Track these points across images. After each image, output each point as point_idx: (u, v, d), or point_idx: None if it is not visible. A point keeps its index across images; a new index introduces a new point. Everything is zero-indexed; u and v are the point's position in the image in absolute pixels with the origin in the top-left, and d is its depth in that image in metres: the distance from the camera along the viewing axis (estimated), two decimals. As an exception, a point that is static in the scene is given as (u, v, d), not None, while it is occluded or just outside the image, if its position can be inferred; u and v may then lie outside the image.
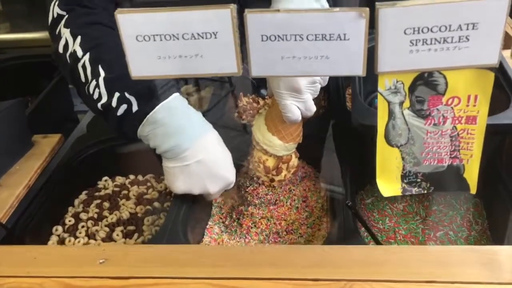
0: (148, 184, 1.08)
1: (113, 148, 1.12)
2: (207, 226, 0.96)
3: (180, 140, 0.80)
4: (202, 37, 0.45)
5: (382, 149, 0.55)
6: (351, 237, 0.78)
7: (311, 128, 1.03)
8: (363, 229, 0.89)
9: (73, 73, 0.84)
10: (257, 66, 0.46)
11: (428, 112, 0.52)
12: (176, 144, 0.80)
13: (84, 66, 0.81)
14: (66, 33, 0.84)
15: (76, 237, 0.94)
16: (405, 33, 0.42)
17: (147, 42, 0.46)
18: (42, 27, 1.86)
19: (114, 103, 0.79)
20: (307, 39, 0.44)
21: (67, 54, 0.84)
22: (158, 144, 0.81)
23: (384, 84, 0.50)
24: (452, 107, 0.52)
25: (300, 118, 0.86)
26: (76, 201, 1.04)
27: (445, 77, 0.49)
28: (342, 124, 1.06)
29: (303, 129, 0.93)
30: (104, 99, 0.80)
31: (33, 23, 1.92)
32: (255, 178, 0.95)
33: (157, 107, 0.78)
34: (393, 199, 1.00)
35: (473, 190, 0.57)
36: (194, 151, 0.81)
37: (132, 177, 1.11)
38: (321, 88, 1.26)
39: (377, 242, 0.80)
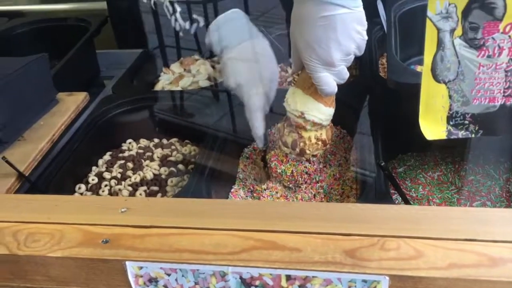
0: (173, 147, 1.05)
1: (138, 110, 1.10)
2: (232, 190, 0.93)
3: (230, 39, 0.94)
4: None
5: (427, 86, 0.50)
6: (382, 200, 0.74)
7: (342, 95, 0.99)
8: (394, 196, 0.85)
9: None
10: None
11: (482, 42, 0.47)
12: (227, 43, 0.94)
13: (167, 7, 1.03)
14: None
15: (98, 196, 0.93)
16: None
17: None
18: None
19: (187, 26, 1.01)
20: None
21: (152, 2, 1.09)
22: (216, 45, 0.95)
23: (434, 7, 0.45)
24: (509, 36, 0.46)
25: (336, 89, 0.81)
26: (100, 161, 1.02)
27: None
28: (375, 91, 1.02)
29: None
30: (181, 25, 1.01)
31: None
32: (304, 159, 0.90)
33: (219, 16, 0.95)
34: (426, 168, 0.95)
35: (527, 134, 0.52)
36: (239, 48, 0.94)
37: (156, 140, 1.09)
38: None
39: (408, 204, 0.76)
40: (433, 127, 0.53)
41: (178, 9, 1.02)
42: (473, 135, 0.53)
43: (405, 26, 1.03)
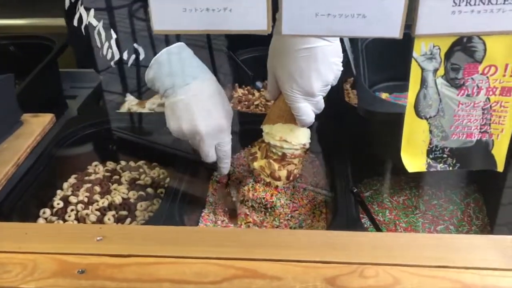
0: (141, 170, 1.04)
1: (104, 133, 1.08)
2: (202, 214, 0.93)
3: (178, 78, 0.82)
4: (233, -11, 0.43)
5: (410, 121, 0.53)
6: (353, 226, 0.75)
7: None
8: (363, 220, 0.87)
9: (88, 42, 0.89)
10: (288, 23, 0.44)
11: (462, 82, 0.50)
12: (174, 82, 0.82)
13: (98, 33, 0.87)
14: (80, 8, 0.90)
15: (65, 221, 0.90)
16: (448, -9, 0.40)
17: (173, -7, 0.43)
18: (31, 13, 1.82)
19: (125, 56, 0.84)
20: (345, -5, 0.42)
21: (82, 27, 0.88)
22: (160, 85, 0.83)
23: (420, 49, 0.48)
24: (487, 77, 0.50)
25: (313, 119, 0.84)
26: (65, 185, 1.00)
27: (484, 43, 0.48)
28: (340, 116, 1.05)
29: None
30: (117, 56, 0.84)
31: (22, 10, 1.87)
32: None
33: (160, 52, 0.82)
34: (392, 192, 0.98)
35: (500, 167, 0.56)
36: (191, 87, 0.82)
37: (123, 162, 1.07)
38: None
39: (379, 231, 0.78)
40: (414, 160, 0.56)
41: (114, 36, 0.87)
42: (450, 168, 0.56)
43: (371, 54, 1.07)
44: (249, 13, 0.44)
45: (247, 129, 1.01)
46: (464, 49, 0.47)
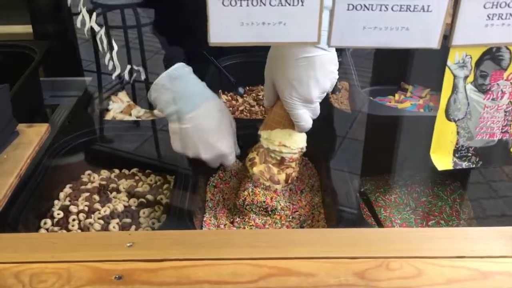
0: (136, 177, 1.04)
1: (96, 141, 1.08)
2: (204, 219, 0.94)
3: (181, 105, 0.87)
4: (289, 4, 0.46)
5: (440, 124, 0.58)
6: (359, 224, 0.79)
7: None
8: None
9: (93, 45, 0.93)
10: (337, 36, 0.47)
11: (488, 87, 0.56)
12: (177, 109, 0.87)
13: (101, 39, 0.89)
14: (83, 10, 0.89)
15: (68, 230, 0.89)
16: (484, 7, 0.45)
17: (233, 7, 0.46)
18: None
19: (126, 74, 0.89)
20: (392, 9, 0.46)
21: (85, 30, 0.90)
22: (162, 108, 0.89)
23: (454, 58, 0.53)
24: (511, 82, 0.56)
25: (311, 125, 0.87)
26: (61, 194, 0.98)
27: (510, 53, 0.53)
28: (328, 119, 1.09)
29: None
30: (118, 71, 0.88)
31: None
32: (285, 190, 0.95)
33: (160, 76, 0.86)
34: (383, 191, 1.04)
35: (518, 164, 0.62)
36: (194, 117, 0.87)
37: (117, 171, 1.07)
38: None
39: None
40: (442, 159, 0.61)
41: (115, 47, 0.88)
42: (474, 165, 0.61)
43: (356, 61, 1.13)
44: (302, 26, 0.47)
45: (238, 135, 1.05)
46: (492, 58, 0.53)
